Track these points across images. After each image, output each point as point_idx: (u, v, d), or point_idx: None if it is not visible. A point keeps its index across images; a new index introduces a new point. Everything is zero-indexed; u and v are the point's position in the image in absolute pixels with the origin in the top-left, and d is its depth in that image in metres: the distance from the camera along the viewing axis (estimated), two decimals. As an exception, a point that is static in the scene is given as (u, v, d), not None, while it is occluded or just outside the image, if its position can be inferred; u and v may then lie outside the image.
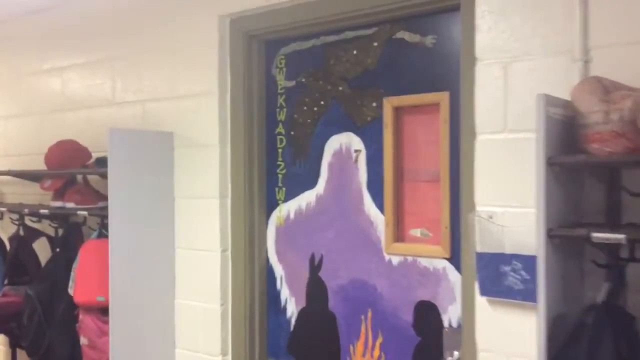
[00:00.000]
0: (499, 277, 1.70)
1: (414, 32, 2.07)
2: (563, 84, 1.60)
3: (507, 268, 1.69)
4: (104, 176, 2.54)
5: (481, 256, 1.73)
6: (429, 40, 2.04)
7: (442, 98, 2.00)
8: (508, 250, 1.70)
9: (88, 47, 2.94)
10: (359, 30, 2.21)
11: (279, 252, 2.47)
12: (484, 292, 1.75)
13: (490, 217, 1.74)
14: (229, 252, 2.46)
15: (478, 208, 1.77)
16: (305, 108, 2.37)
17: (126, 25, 2.76)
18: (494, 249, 1.72)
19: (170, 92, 2.60)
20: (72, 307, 2.60)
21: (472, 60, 1.79)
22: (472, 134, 1.79)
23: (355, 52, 2.23)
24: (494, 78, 1.74)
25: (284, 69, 2.44)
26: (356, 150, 2.23)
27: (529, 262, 1.63)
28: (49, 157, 2.70)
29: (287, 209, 2.44)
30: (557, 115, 1.46)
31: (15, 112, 3.36)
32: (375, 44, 2.17)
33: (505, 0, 1.72)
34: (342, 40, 2.26)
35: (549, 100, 1.42)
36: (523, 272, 1.66)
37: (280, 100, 2.45)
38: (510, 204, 1.71)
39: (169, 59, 2.59)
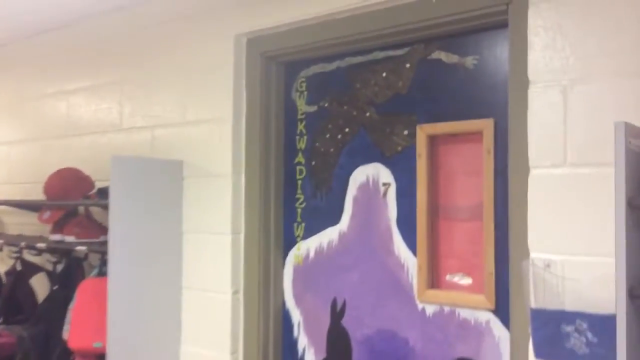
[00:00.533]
0: (559, 338, 1.43)
1: (452, 52, 1.84)
2: (636, 111, 1.35)
3: (569, 328, 1.42)
4: (106, 208, 2.32)
5: (538, 313, 1.46)
6: (470, 61, 1.81)
7: (486, 126, 1.75)
8: (569, 306, 1.43)
9: (95, 70, 2.76)
10: (389, 50, 1.99)
11: (296, 295, 2.21)
12: (539, 354, 1.48)
13: (548, 266, 1.48)
14: (240, 294, 2.22)
15: (532, 255, 1.51)
16: (328, 136, 2.14)
17: (135, 47, 2.57)
18: (553, 304, 1.45)
19: (181, 117, 2.39)
20: (69, 352, 2.35)
21: (524, 83, 1.55)
22: (525, 168, 1.54)
23: (384, 74, 2.00)
24: (551, 103, 1.49)
25: (305, 93, 2.22)
26: (385, 184, 1.99)
27: (596, 322, 1.37)
28: (49, 187, 2.49)
29: (307, 247, 2.19)
30: (637, 147, 1.21)
31: (18, 137, 3.18)
32: (408, 65, 1.94)
33: (563, 14, 1.48)
34: (369, 62, 2.04)
35: (630, 130, 1.17)
36: (589, 334, 1.39)
37: (301, 126, 2.22)
38: (572, 252, 1.45)
39: (181, 82, 2.39)
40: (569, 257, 1.45)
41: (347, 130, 2.09)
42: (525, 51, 1.55)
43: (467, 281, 1.82)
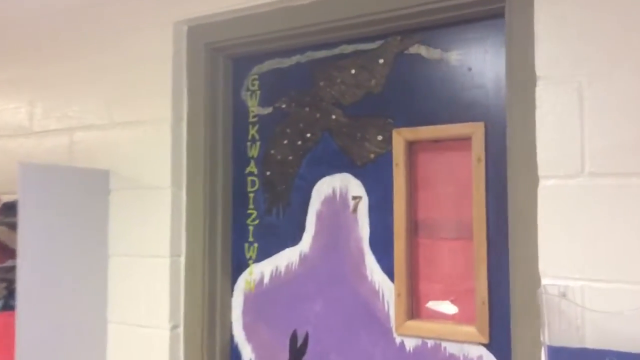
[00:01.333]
0: (581, 381, 1.20)
1: (434, 45, 1.61)
2: (666, 112, 1.16)
3: (595, 369, 1.19)
4: (13, 227, 1.90)
5: (554, 352, 1.22)
6: (454, 56, 1.57)
7: (475, 130, 1.52)
8: (593, 343, 1.21)
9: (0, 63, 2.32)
10: (359, 43, 1.73)
11: (247, 328, 1.89)
12: (554, 400, 1.25)
13: (564, 295, 1.25)
14: (180, 329, 1.87)
15: (544, 281, 1.28)
16: (285, 142, 1.85)
17: (50, 35, 2.17)
18: (571, 341, 1.23)
19: (107, 118, 2.01)
20: (-39, 406, 1.90)
21: (529, 79, 1.33)
22: (531, 178, 1.32)
23: (353, 71, 1.73)
24: (565, 103, 1.28)
25: (258, 92, 1.91)
26: (355, 197, 1.71)
27: (628, 361, 1.15)
28: (-62, 202, 2.03)
29: (260, 271, 1.88)
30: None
31: None
32: (381, 60, 1.69)
33: (579, -2, 1.27)
34: (335, 56, 1.77)
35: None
36: (619, 376, 1.17)
37: (252, 131, 1.91)
38: (593, 277, 1.23)
39: (108, 77, 2.02)
40: (589, 283, 1.23)
41: (308, 135, 1.80)
42: (531, 42, 1.33)
43: (454, 310, 1.57)
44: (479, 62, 1.54)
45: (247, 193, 1.91)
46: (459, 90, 1.56)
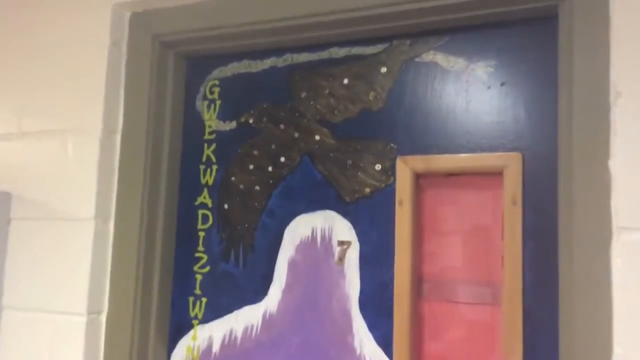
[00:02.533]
0: None
1: (455, 52, 1.25)
2: None
3: None
4: None
5: None
6: (483, 67, 1.23)
7: (509, 163, 1.17)
8: None
9: None
10: (356, 46, 1.36)
11: (187, 411, 1.43)
12: None
13: (657, 397, 0.89)
14: (96, 412, 1.38)
15: (626, 372, 0.91)
16: (251, 167, 1.43)
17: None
18: None
19: (13, 125, 1.53)
20: None
21: (602, 97, 0.99)
22: (603, 231, 0.96)
23: (346, 81, 1.36)
24: (657, 129, 0.94)
25: (218, 102, 1.50)
26: (342, 243, 1.31)
27: None
28: None
29: (208, 335, 1.43)
30: None
31: None
32: (384, 69, 1.32)
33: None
34: (323, 62, 1.39)
35: None
36: None
37: (208, 151, 1.49)
38: (701, 373, 0.87)
39: (18, 72, 1.55)
40: (695, 383, 0.87)
41: (282, 160, 1.40)
42: (606, 48, 0.99)
43: (474, 400, 1.18)
44: (516, 75, 1.20)
45: (196, 231, 1.48)
46: (488, 110, 1.21)
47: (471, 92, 1.23)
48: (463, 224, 1.23)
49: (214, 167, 1.48)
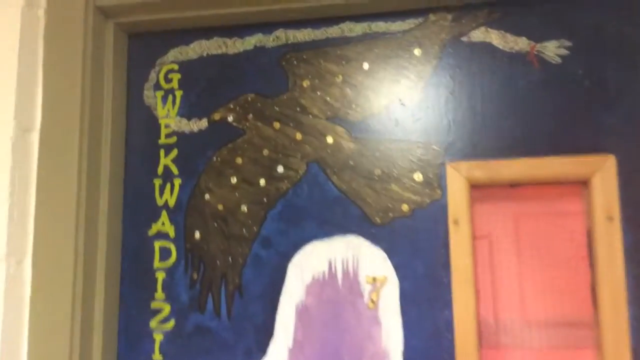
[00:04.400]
0: None
1: (515, 30, 0.99)
2: None
3: None
4: None
5: None
6: (554, 48, 0.98)
7: (597, 168, 0.92)
8: None
9: None
10: (378, 20, 1.04)
11: None
12: None
13: None
14: None
15: None
16: (234, 180, 1.05)
17: None
18: None
19: None
20: None
21: None
22: None
23: (366, 65, 1.03)
24: None
25: (178, 94, 1.10)
26: (374, 279, 0.98)
27: None
28: None
29: (178, 419, 1.01)
30: None
31: None
32: (418, 51, 1.02)
33: None
34: (333, 41, 1.06)
35: None
36: None
37: (166, 160, 1.08)
38: None
39: None
40: None
41: (280, 170, 1.03)
42: None
43: None
44: (599, 58, 0.96)
45: (152, 271, 1.05)
46: (563, 101, 0.96)
47: (539, 80, 0.97)
48: (537, 248, 0.96)
49: (177, 182, 1.07)
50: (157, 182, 1.08)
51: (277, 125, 1.05)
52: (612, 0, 0.96)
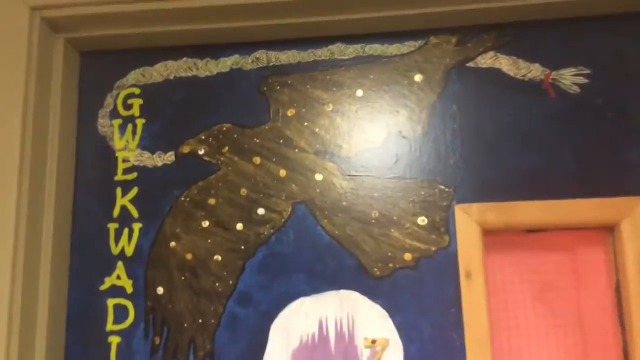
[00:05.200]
0: None
1: (526, 55, 0.88)
2: None
3: None
4: None
5: None
6: (570, 75, 0.87)
7: (630, 212, 0.81)
8: None
9: None
10: (371, 42, 0.92)
11: None
12: None
13: None
14: None
15: None
16: (205, 224, 0.89)
17: None
18: None
19: None
20: None
21: None
22: None
23: (360, 92, 0.91)
24: None
25: (139, 123, 0.94)
26: (374, 341, 0.83)
27: None
28: None
29: None
30: None
31: None
32: (419, 77, 0.90)
33: None
34: (320, 64, 0.92)
35: None
36: None
37: (124, 200, 0.91)
38: None
39: None
40: None
41: (261, 212, 0.88)
42: None
43: None
44: (623, 89, 0.86)
45: (103, 334, 0.87)
46: (584, 136, 0.85)
47: (555, 111, 0.86)
48: (559, 304, 0.84)
49: (136, 227, 0.90)
50: (112, 227, 0.90)
51: (257, 160, 0.90)
52: (634, 22, 0.87)
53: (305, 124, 0.90)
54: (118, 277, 0.89)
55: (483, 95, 0.88)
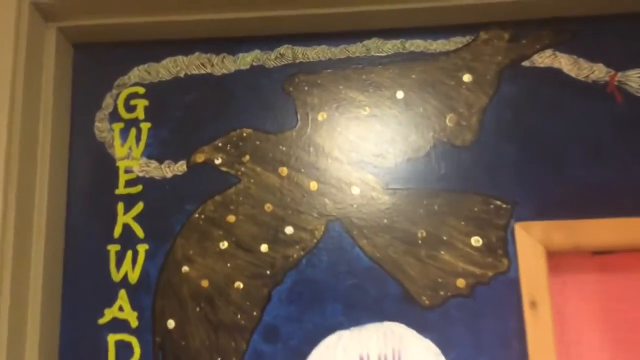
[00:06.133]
0: None
1: (588, 54, 0.79)
2: None
3: None
4: None
5: None
6: (636, 78, 0.77)
7: None
8: None
9: None
10: (413, 37, 0.81)
11: None
12: None
13: None
14: None
15: None
16: (224, 245, 0.76)
17: None
18: None
19: None
20: None
21: None
22: None
23: (400, 94, 0.79)
24: None
25: (145, 127, 0.81)
26: (424, 383, 0.71)
27: None
28: None
29: None
30: None
31: None
32: (468, 77, 0.79)
33: None
34: (354, 60, 0.81)
35: None
36: None
37: (127, 218, 0.78)
38: None
39: None
40: None
41: (290, 231, 0.76)
42: None
43: None
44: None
45: (108, 379, 0.74)
46: (655, 146, 0.76)
47: (624, 118, 0.76)
48: (633, 335, 0.73)
49: (141, 249, 0.77)
50: (113, 249, 0.77)
51: (283, 170, 0.78)
52: None
53: (339, 129, 0.79)
54: (120, 309, 0.75)
55: (541, 99, 0.78)
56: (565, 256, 0.74)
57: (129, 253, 0.77)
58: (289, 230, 0.76)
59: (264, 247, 0.76)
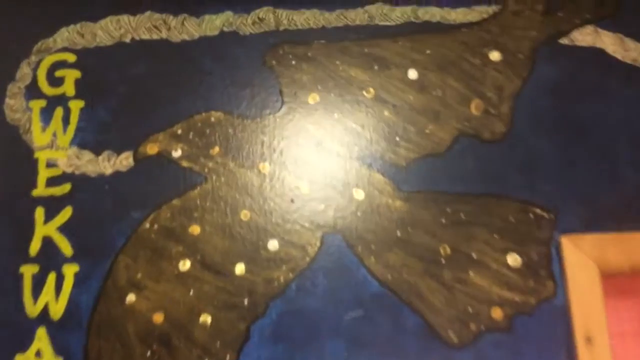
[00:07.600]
0: None
1: (634, 32, 0.65)
2: None
3: None
4: None
5: None
6: (694, 63, 0.65)
7: None
8: None
9: None
10: (425, 3, 0.65)
11: None
12: None
13: None
14: None
15: None
16: (185, 265, 0.57)
17: None
18: None
19: None
20: None
21: None
22: None
23: (413, 73, 0.63)
24: None
25: (75, 106, 0.60)
26: None
27: None
28: None
29: None
30: None
31: None
32: (496, 55, 0.64)
33: None
34: (352, 30, 0.64)
35: None
36: None
37: (48, 228, 0.57)
38: None
39: None
40: None
41: (273, 247, 0.57)
42: None
43: None
44: None
45: None
46: None
47: (679, 108, 0.63)
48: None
49: (69, 271, 0.56)
50: (28, 272, 0.56)
51: (264, 167, 0.59)
52: None
53: (336, 115, 0.61)
54: (38, 354, 0.54)
55: (583, 84, 0.64)
56: (620, 276, 0.60)
57: (51, 277, 0.56)
58: (272, 245, 0.58)
59: (239, 268, 0.57)
